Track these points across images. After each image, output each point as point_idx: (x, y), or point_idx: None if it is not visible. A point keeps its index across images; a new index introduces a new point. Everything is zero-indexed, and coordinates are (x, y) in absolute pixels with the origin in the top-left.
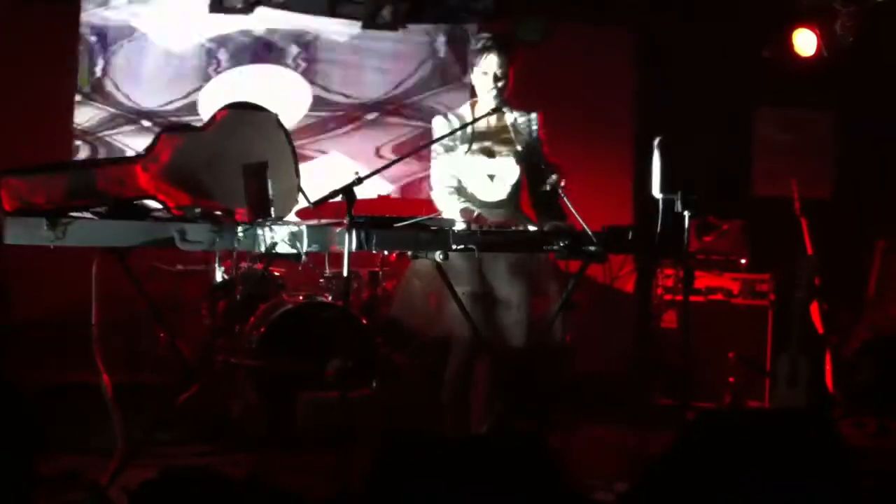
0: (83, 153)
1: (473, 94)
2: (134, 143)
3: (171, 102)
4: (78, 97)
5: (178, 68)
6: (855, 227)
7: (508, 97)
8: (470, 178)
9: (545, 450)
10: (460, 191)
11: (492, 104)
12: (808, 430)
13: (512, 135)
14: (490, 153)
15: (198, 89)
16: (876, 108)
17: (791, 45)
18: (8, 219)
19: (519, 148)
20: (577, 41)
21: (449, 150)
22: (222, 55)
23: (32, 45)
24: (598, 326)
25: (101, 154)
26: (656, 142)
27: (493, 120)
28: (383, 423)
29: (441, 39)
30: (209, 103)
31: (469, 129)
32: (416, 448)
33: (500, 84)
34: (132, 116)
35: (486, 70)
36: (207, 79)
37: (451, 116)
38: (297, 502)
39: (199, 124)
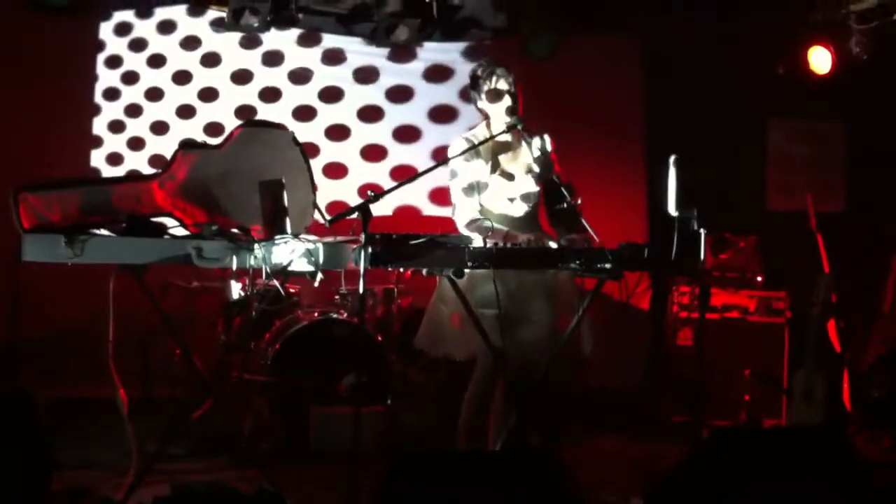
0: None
1: (486, 117)
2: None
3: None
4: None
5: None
6: (868, 240)
7: (521, 116)
8: (492, 201)
9: (557, 465)
10: (484, 213)
11: (505, 122)
12: (824, 448)
13: (529, 155)
14: (509, 177)
15: None
16: (888, 119)
17: (805, 62)
18: (26, 236)
19: (536, 168)
20: (588, 54)
21: (472, 189)
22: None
23: (49, 57)
24: (614, 344)
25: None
26: (672, 159)
27: (510, 143)
28: (395, 438)
29: (456, 57)
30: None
31: (489, 153)
32: (426, 463)
33: (511, 100)
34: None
35: (496, 89)
36: None
37: (469, 139)
38: None
39: (216, 141)
